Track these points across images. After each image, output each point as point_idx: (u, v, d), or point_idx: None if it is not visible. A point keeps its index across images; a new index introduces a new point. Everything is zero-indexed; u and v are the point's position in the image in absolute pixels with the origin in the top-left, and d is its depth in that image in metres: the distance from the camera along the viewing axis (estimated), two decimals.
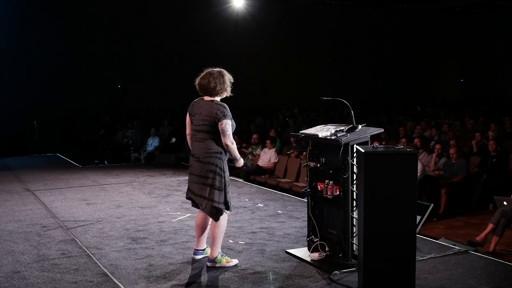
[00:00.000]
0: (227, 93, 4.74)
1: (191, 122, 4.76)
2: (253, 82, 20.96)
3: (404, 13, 24.80)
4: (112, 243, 5.56)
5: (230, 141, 4.58)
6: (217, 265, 4.76)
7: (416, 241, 4.12)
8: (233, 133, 4.75)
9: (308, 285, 4.36)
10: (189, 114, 4.78)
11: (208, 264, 4.80)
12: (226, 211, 4.71)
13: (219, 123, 4.54)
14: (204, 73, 4.72)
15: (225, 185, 4.65)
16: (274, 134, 11.97)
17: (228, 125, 4.55)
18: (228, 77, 4.73)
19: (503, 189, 7.69)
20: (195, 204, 4.83)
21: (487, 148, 9.03)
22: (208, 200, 4.61)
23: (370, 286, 4.00)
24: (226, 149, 4.62)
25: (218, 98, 4.70)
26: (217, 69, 4.75)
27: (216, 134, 4.58)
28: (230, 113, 4.63)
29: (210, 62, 5.94)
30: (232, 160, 4.81)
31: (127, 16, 19.10)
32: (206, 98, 4.70)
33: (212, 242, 4.76)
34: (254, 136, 11.26)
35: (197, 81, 4.73)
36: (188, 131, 4.85)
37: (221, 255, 4.79)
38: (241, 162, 4.86)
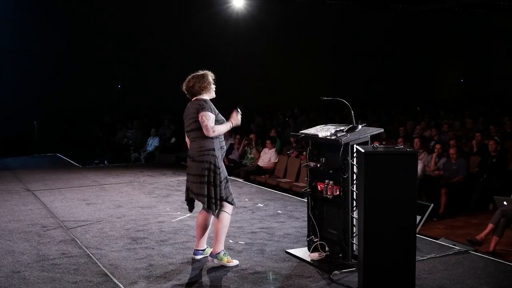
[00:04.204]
0: (210, 92, 4.81)
1: (184, 126, 4.86)
2: (253, 82, 20.96)
3: (404, 13, 24.79)
4: (112, 243, 5.56)
5: (212, 131, 4.59)
6: (217, 261, 4.78)
7: (416, 241, 4.12)
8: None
9: (308, 285, 4.36)
10: (184, 120, 4.88)
11: (210, 258, 4.84)
12: (228, 205, 4.76)
13: (199, 116, 4.61)
14: (190, 76, 4.84)
15: (220, 181, 4.69)
16: (274, 134, 11.96)
17: (205, 117, 4.59)
18: (210, 80, 4.80)
19: (503, 189, 7.68)
20: (190, 204, 4.89)
21: (487, 148, 9.03)
22: (207, 197, 4.65)
23: (370, 286, 4.00)
24: (217, 136, 4.66)
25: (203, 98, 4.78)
26: (201, 72, 4.86)
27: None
28: (215, 109, 4.70)
29: (210, 62, 5.96)
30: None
31: (127, 16, 19.11)
32: (193, 99, 4.81)
33: (215, 238, 4.79)
34: (251, 136, 11.26)
35: (183, 86, 4.84)
36: (187, 137, 4.93)
37: (224, 253, 4.81)
38: (236, 120, 4.82)
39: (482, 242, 6.39)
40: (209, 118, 4.60)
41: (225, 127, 4.76)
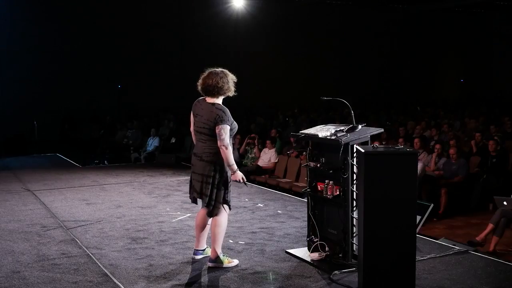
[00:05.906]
0: (231, 92, 4.74)
1: (194, 123, 4.79)
2: (253, 82, 20.94)
3: (404, 13, 24.78)
4: (112, 243, 5.56)
5: (225, 145, 4.54)
6: (218, 265, 4.76)
7: (416, 241, 4.12)
8: (235, 133, 4.75)
9: (308, 285, 4.36)
10: (193, 113, 4.80)
11: (209, 264, 4.81)
12: (226, 210, 4.73)
13: (216, 127, 4.55)
14: (207, 73, 4.71)
15: (225, 184, 4.67)
16: (276, 134, 11.97)
17: (223, 130, 4.54)
18: (231, 77, 4.75)
19: (503, 189, 7.69)
20: (194, 201, 4.86)
21: (487, 148, 9.03)
22: (209, 198, 4.63)
23: (370, 286, 4.00)
24: (221, 153, 4.56)
25: (221, 98, 4.72)
26: (219, 69, 4.76)
27: (216, 136, 4.59)
28: (231, 117, 4.63)
29: (210, 62, 5.94)
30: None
31: (127, 16, 19.08)
32: (208, 99, 4.70)
33: (212, 242, 4.76)
34: (254, 135, 11.25)
35: (200, 81, 4.70)
36: (192, 127, 4.85)
37: (223, 255, 4.80)
38: (237, 175, 4.63)
39: (482, 243, 6.40)
40: (227, 132, 4.55)
41: (232, 160, 4.59)
